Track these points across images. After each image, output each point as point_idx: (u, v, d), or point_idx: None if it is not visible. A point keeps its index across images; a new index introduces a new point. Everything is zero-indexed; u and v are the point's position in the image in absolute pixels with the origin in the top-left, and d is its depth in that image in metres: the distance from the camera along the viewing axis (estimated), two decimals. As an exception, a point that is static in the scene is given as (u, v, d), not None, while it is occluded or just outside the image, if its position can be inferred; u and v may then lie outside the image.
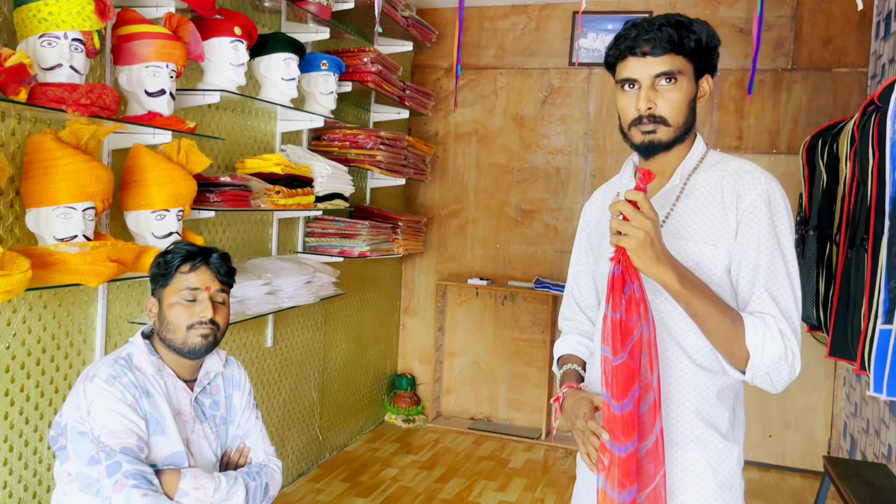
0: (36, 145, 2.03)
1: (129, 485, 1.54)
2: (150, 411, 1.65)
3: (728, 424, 1.39)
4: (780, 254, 1.32)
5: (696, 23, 1.38)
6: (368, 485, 3.85)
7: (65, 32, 1.95)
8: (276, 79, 3.02)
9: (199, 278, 1.70)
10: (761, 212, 1.33)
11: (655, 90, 1.36)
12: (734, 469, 1.40)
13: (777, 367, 1.27)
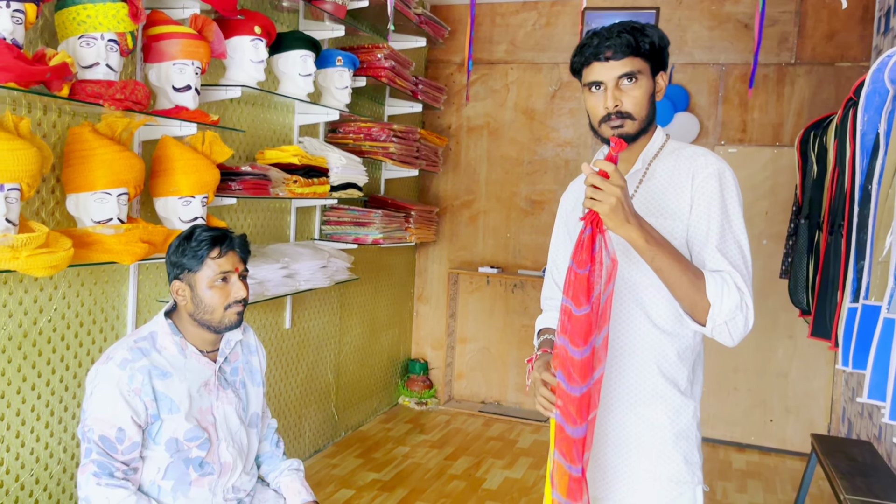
0: (75, 136, 2.23)
1: (91, 471, 1.70)
2: (165, 392, 1.78)
3: (687, 382, 1.55)
4: (728, 222, 1.49)
5: (648, 27, 1.55)
6: (381, 461, 4.05)
7: (101, 34, 2.15)
8: (293, 74, 3.21)
9: (229, 261, 1.83)
10: (712, 187, 1.49)
11: (620, 89, 1.52)
12: (690, 421, 1.56)
13: (734, 316, 1.43)
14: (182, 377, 1.81)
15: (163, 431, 1.77)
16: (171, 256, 1.86)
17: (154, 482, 1.77)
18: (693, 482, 1.56)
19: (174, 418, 1.77)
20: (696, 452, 1.58)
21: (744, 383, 4.65)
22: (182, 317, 1.88)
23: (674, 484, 1.53)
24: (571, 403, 1.35)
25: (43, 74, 1.87)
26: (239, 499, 1.89)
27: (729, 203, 1.51)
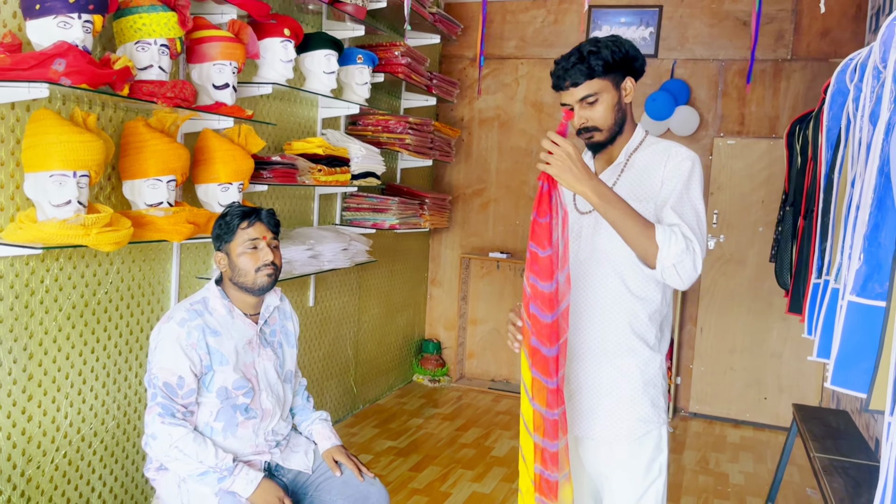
0: (130, 129, 2.53)
1: (156, 412, 2.01)
2: (216, 347, 2.08)
3: (655, 339, 1.83)
4: (687, 192, 1.74)
5: (603, 46, 1.80)
6: (397, 431, 4.36)
7: (155, 39, 2.45)
8: (318, 72, 3.50)
9: (257, 230, 2.13)
10: (680, 171, 1.76)
11: (584, 108, 1.78)
12: (657, 372, 1.84)
13: (681, 259, 1.62)
14: (230, 335, 2.11)
15: (214, 381, 2.07)
16: (213, 232, 2.18)
17: (207, 423, 2.08)
18: (659, 422, 1.83)
19: (224, 370, 2.08)
20: (661, 398, 1.86)
21: (739, 363, 4.91)
22: (227, 283, 2.18)
23: (642, 423, 1.81)
24: (545, 329, 1.62)
25: (110, 77, 2.17)
26: (277, 441, 2.20)
27: (692, 181, 1.76)
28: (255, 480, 2.02)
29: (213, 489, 1.99)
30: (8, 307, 2.31)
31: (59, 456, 2.55)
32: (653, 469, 1.84)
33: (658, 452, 1.84)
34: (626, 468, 1.84)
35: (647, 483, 1.84)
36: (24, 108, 2.29)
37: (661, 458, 1.85)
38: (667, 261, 1.64)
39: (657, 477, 1.84)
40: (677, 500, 3.62)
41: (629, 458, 1.83)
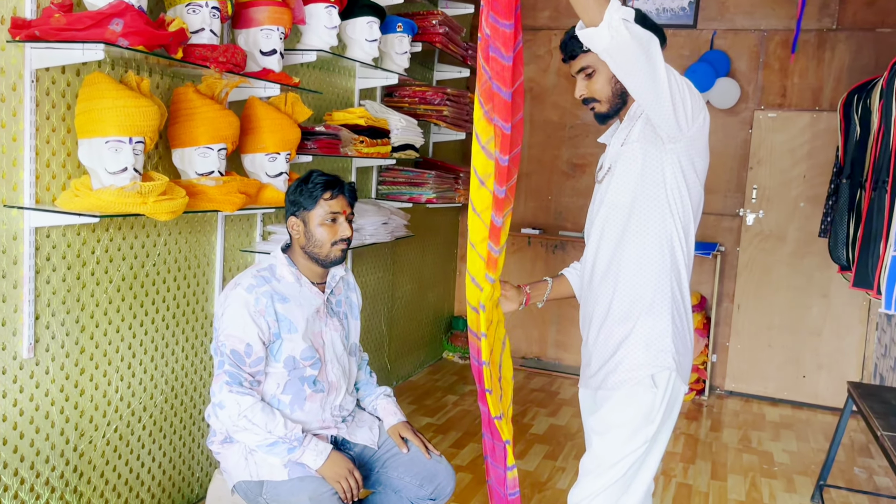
0: (180, 96, 2.45)
1: (223, 380, 1.95)
2: (284, 314, 2.03)
3: (653, 303, 1.82)
4: None
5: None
6: (433, 407, 4.31)
7: (206, 1, 2.36)
8: (360, 40, 3.40)
9: (339, 203, 2.05)
10: None
11: (583, 79, 1.87)
12: (658, 334, 1.82)
13: (630, 20, 1.57)
14: (298, 303, 2.04)
15: (282, 349, 2.01)
16: (290, 195, 2.09)
17: (275, 395, 2.02)
18: (646, 382, 1.78)
19: (292, 338, 2.01)
20: (657, 358, 1.78)
21: (777, 340, 4.83)
22: (295, 251, 2.11)
23: (628, 371, 1.80)
24: (504, 71, 1.71)
25: (166, 38, 2.08)
26: (343, 416, 2.14)
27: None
28: (325, 452, 1.96)
29: (282, 460, 1.94)
30: (60, 278, 2.25)
31: (111, 430, 2.50)
32: (635, 439, 1.79)
33: (646, 422, 1.79)
34: (607, 424, 1.83)
35: (625, 451, 1.80)
36: (74, 73, 2.21)
37: (647, 429, 1.79)
38: (616, 14, 1.56)
39: (638, 448, 1.80)
40: (724, 479, 3.56)
41: (610, 412, 1.82)
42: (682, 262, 1.81)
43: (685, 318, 1.84)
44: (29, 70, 2.05)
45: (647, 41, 1.60)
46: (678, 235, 1.80)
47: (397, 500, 2.16)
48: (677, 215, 1.79)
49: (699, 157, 1.81)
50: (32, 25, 1.97)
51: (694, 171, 1.81)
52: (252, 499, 1.99)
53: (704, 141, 1.81)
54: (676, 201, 1.79)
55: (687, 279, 1.83)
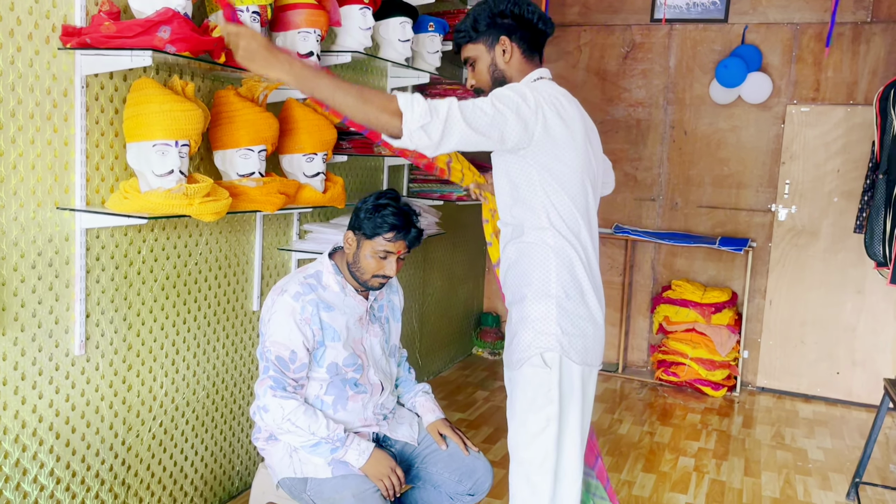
0: (221, 99, 2.50)
1: (268, 385, 1.99)
2: (329, 323, 2.05)
3: (530, 288, 1.90)
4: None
5: (465, 18, 1.97)
6: (464, 403, 4.35)
7: (247, 6, 2.40)
8: (393, 40, 3.43)
9: (396, 246, 2.04)
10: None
11: (470, 70, 2.02)
12: (539, 315, 1.88)
13: (426, 121, 1.57)
14: (342, 311, 2.08)
15: (326, 356, 2.05)
16: (360, 212, 2.07)
17: (318, 396, 2.06)
18: (535, 360, 1.84)
19: (335, 346, 2.05)
20: (540, 339, 1.84)
21: (811, 336, 4.79)
22: (342, 260, 2.14)
23: (519, 350, 1.88)
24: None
25: (211, 44, 2.13)
26: (384, 414, 2.18)
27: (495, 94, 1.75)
28: (367, 451, 2.00)
29: (326, 459, 1.98)
30: (109, 277, 2.32)
31: (156, 425, 2.57)
32: (538, 418, 1.84)
33: (546, 401, 1.83)
34: (514, 409, 1.91)
35: (533, 430, 1.85)
36: (121, 78, 2.27)
37: (549, 408, 1.84)
38: (412, 123, 1.57)
39: (545, 428, 1.84)
40: (758, 475, 3.56)
41: (513, 398, 1.91)
42: (571, 252, 1.85)
43: (581, 302, 1.87)
44: (79, 76, 2.12)
45: (449, 121, 1.60)
46: (557, 228, 1.84)
47: (436, 495, 2.20)
48: (554, 211, 1.83)
49: (562, 150, 1.82)
50: (83, 33, 2.03)
51: (560, 163, 1.83)
52: (297, 495, 2.04)
53: (558, 135, 1.80)
54: (549, 196, 1.83)
55: (584, 266, 1.87)
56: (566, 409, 1.87)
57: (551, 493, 1.86)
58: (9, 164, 1.97)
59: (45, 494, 2.19)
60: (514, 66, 1.96)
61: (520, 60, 1.97)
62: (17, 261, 2.02)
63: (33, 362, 2.11)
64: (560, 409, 1.85)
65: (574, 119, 1.87)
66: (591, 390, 1.95)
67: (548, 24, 1.98)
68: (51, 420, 2.19)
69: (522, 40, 1.96)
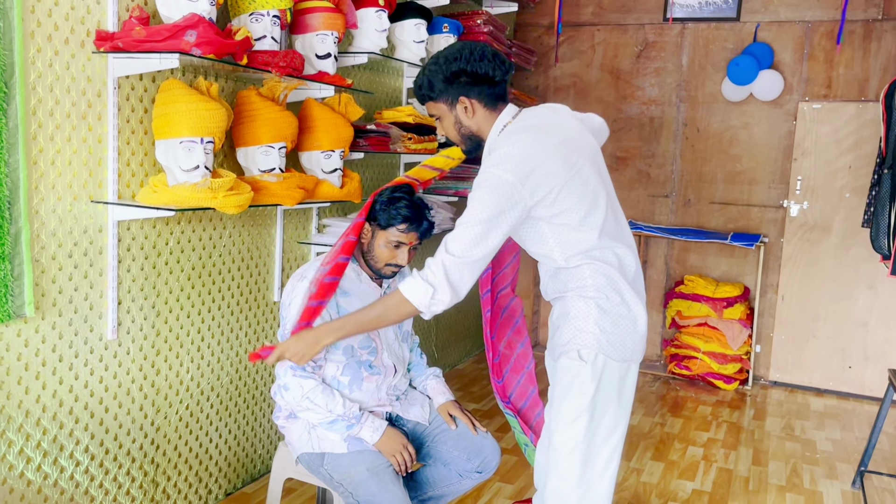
0: (243, 98, 2.64)
1: (288, 365, 2.11)
2: (345, 307, 2.17)
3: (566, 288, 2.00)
4: (468, 204, 1.87)
5: (422, 73, 1.99)
6: (479, 394, 4.46)
7: (268, 11, 2.54)
8: (408, 41, 3.56)
9: (408, 237, 2.17)
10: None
11: (437, 123, 2.08)
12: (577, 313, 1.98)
13: (432, 297, 1.84)
14: (357, 297, 2.20)
15: (347, 340, 2.17)
16: (375, 204, 2.18)
17: (335, 377, 2.19)
18: (572, 354, 1.92)
19: None
20: (577, 337, 1.92)
21: (823, 331, 4.84)
22: (358, 250, 2.26)
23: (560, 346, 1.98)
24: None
25: (234, 47, 2.27)
26: (397, 395, 2.30)
27: (474, 204, 1.84)
28: (381, 428, 2.12)
29: (342, 435, 2.11)
30: (139, 267, 2.47)
31: (182, 408, 2.72)
32: (572, 408, 1.91)
33: (579, 393, 1.90)
34: (552, 397, 2.00)
35: (567, 419, 1.92)
36: (150, 80, 2.42)
37: (581, 400, 1.90)
38: (425, 308, 1.85)
39: (577, 418, 1.91)
40: (765, 464, 3.63)
41: (552, 387, 1.99)
42: (605, 269, 1.90)
43: (621, 303, 1.91)
44: (112, 78, 2.27)
45: (449, 275, 1.83)
46: (587, 259, 1.91)
47: (446, 472, 2.31)
48: (576, 247, 1.90)
49: (560, 193, 1.86)
50: (115, 38, 2.18)
51: (563, 203, 1.87)
52: (314, 469, 2.17)
53: (549, 185, 1.85)
54: (565, 239, 1.90)
55: (620, 273, 1.92)
56: (601, 402, 1.92)
57: (577, 480, 1.93)
58: (48, 160, 2.12)
59: (80, 469, 2.34)
60: (479, 119, 1.99)
61: (484, 113, 1.99)
62: (56, 250, 2.17)
63: (70, 345, 2.26)
64: (594, 402, 1.91)
65: (550, 144, 1.88)
66: (630, 384, 1.99)
67: (504, 69, 1.96)
68: (85, 400, 2.34)
69: (482, 95, 1.96)
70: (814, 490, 3.36)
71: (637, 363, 1.99)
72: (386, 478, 2.07)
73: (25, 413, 2.15)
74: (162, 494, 2.66)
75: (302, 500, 2.99)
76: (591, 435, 1.93)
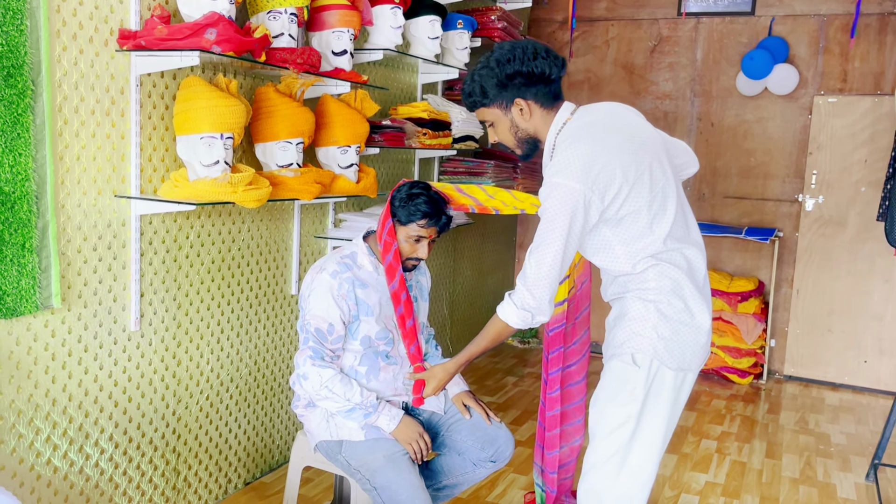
0: (261, 95, 2.69)
1: (307, 355, 2.16)
2: (363, 299, 2.22)
3: (624, 290, 1.95)
4: (536, 234, 1.84)
5: (471, 80, 1.94)
6: (493, 387, 4.50)
7: (285, 9, 2.59)
8: (423, 38, 3.60)
9: (427, 231, 2.20)
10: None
11: (490, 128, 2.01)
12: (634, 315, 1.91)
13: (520, 317, 1.83)
14: (375, 289, 2.24)
15: (360, 330, 2.22)
16: (395, 201, 2.21)
17: (352, 367, 2.24)
18: (625, 356, 1.87)
19: (368, 320, 2.22)
20: (633, 339, 1.86)
21: (838, 325, 4.83)
22: (375, 243, 2.30)
23: (613, 347, 1.92)
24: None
25: (253, 44, 2.32)
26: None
27: (544, 213, 1.81)
28: (398, 417, 2.17)
29: (359, 424, 2.16)
30: (161, 260, 2.53)
31: (203, 398, 2.78)
32: (619, 413, 1.86)
33: (629, 398, 1.84)
34: (597, 397, 1.93)
35: (611, 424, 1.86)
36: (171, 77, 2.47)
37: (630, 406, 1.84)
38: (521, 325, 1.84)
39: (623, 424, 1.85)
40: (779, 457, 3.65)
41: (600, 387, 1.92)
42: (669, 270, 1.83)
43: (684, 308, 1.83)
44: (134, 75, 2.32)
45: (534, 309, 1.81)
46: (651, 260, 1.83)
47: (461, 461, 2.35)
48: (639, 254, 1.84)
49: (628, 192, 1.80)
50: (138, 36, 2.23)
51: (626, 208, 1.81)
52: (332, 457, 2.22)
53: (611, 193, 1.79)
54: (629, 247, 1.84)
55: (689, 276, 1.83)
56: (650, 410, 1.85)
57: (614, 485, 1.88)
58: (73, 156, 2.18)
59: (105, 457, 2.40)
60: (536, 121, 1.93)
61: (541, 114, 1.92)
62: (81, 243, 2.23)
63: (95, 336, 2.32)
64: (642, 410, 1.84)
65: (614, 143, 1.81)
66: (684, 395, 1.91)
67: (560, 65, 1.90)
68: (110, 389, 2.40)
69: (538, 95, 1.89)
70: (827, 483, 3.38)
71: (695, 373, 1.90)
72: (402, 465, 2.12)
73: (52, 402, 2.21)
74: (183, 483, 2.72)
75: (320, 489, 3.04)
76: (635, 442, 1.86)
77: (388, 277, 2.20)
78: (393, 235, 2.20)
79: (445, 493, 2.40)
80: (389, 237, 2.20)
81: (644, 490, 1.91)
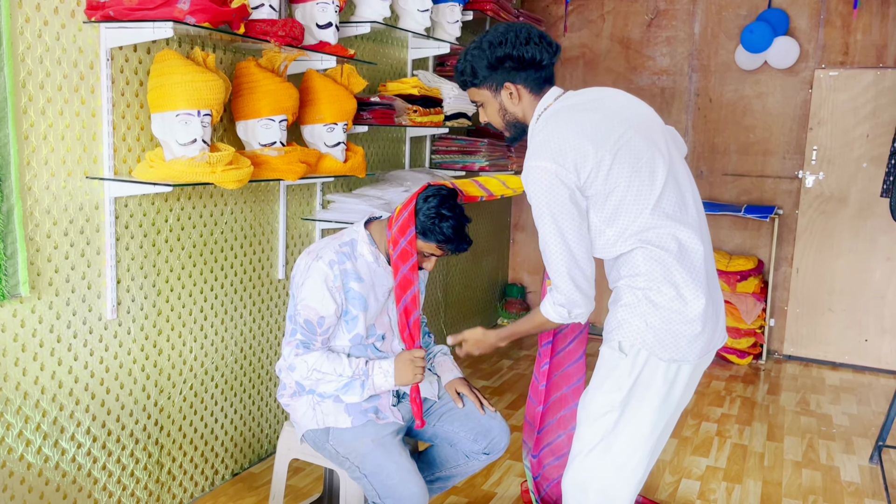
0: (242, 70, 2.56)
1: (294, 345, 2.06)
2: (360, 291, 2.09)
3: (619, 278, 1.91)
4: (538, 230, 1.81)
5: (464, 59, 1.91)
6: (488, 371, 4.41)
7: (266, -22, 2.44)
8: (412, 10, 3.45)
9: (442, 252, 2.09)
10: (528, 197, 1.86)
11: (480, 108, 1.99)
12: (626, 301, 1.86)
13: (566, 315, 1.82)
14: (371, 282, 2.11)
15: (350, 324, 2.10)
16: (421, 214, 2.04)
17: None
18: (612, 343, 1.84)
19: (361, 314, 2.10)
20: (621, 325, 1.82)
21: (839, 304, 4.75)
22: (381, 232, 2.15)
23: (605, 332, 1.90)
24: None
25: (230, 15, 2.18)
26: None
27: (536, 204, 1.77)
28: (390, 369, 2.05)
29: (360, 397, 2.05)
30: (138, 245, 2.40)
31: (186, 387, 2.67)
32: (605, 400, 1.83)
33: (614, 386, 1.81)
34: (592, 376, 1.92)
35: (598, 410, 1.84)
36: (144, 51, 2.34)
37: (615, 394, 1.81)
38: (559, 319, 1.84)
39: (608, 412, 1.82)
40: (780, 440, 3.57)
41: (594, 372, 1.90)
42: (660, 254, 1.77)
43: (676, 297, 1.76)
44: (104, 49, 2.19)
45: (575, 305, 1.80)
46: (640, 243, 1.78)
47: (453, 453, 2.26)
48: (626, 234, 1.78)
49: (608, 168, 1.76)
50: (106, 6, 2.09)
51: (614, 169, 1.76)
52: (320, 446, 2.11)
53: (596, 161, 1.75)
54: (615, 226, 1.79)
55: (680, 261, 1.77)
56: (636, 401, 1.81)
57: (594, 475, 1.86)
58: (39, 134, 2.05)
59: (82, 451, 2.30)
60: (524, 105, 1.92)
61: (529, 99, 1.91)
62: (50, 228, 2.11)
63: (68, 325, 2.20)
64: (627, 400, 1.80)
65: (589, 121, 1.78)
66: (679, 387, 1.83)
67: (552, 51, 1.87)
68: (86, 381, 2.29)
69: (528, 80, 1.88)
70: (830, 465, 3.30)
71: (692, 364, 1.81)
72: (392, 448, 2.02)
73: (24, 395, 2.10)
74: (167, 476, 2.62)
75: (310, 479, 2.95)
76: (620, 432, 1.83)
77: (400, 291, 2.07)
78: (414, 246, 2.05)
79: (438, 485, 2.31)
80: (410, 247, 2.04)
81: (630, 482, 1.87)
